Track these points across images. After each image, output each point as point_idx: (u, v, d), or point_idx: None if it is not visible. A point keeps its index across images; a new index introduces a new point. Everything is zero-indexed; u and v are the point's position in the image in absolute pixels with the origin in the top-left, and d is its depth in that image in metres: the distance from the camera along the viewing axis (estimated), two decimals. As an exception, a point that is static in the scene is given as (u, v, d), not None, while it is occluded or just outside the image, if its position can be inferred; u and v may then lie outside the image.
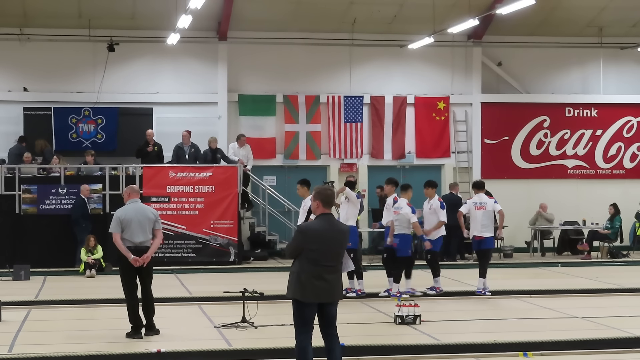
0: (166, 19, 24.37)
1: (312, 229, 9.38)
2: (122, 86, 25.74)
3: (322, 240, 9.26)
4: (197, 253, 22.90)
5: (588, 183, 27.95)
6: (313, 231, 9.33)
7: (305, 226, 9.58)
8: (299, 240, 9.35)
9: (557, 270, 22.37)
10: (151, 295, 12.84)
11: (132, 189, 13.19)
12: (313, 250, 9.22)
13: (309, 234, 9.31)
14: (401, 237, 16.81)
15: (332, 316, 9.39)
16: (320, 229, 9.32)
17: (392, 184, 17.35)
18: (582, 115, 28.05)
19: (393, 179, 17.56)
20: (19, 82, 25.43)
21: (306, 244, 9.26)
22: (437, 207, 17.24)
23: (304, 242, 9.28)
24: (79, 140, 25.10)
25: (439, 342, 12.27)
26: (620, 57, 28.12)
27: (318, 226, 9.36)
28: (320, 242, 9.25)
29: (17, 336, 12.90)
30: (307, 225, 9.60)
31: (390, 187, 17.33)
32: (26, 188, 22.35)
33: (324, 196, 9.41)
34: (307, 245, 9.25)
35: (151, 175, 22.85)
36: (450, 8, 25.56)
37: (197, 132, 24.56)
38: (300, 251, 9.29)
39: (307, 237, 9.30)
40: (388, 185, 17.44)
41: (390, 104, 26.89)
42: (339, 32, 26.37)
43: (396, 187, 17.38)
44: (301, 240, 9.32)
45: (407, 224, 16.79)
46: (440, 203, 17.35)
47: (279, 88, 26.46)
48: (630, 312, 15.19)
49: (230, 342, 12.29)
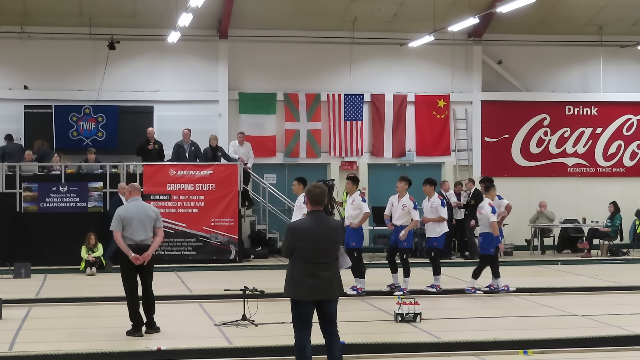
0: (167, 17, 24.38)
1: (299, 227, 9.46)
2: (123, 84, 25.76)
3: (311, 238, 9.29)
4: (197, 251, 22.91)
5: (588, 181, 27.96)
6: (300, 229, 9.40)
7: (293, 224, 9.69)
8: (288, 238, 9.42)
9: (557, 268, 22.40)
10: (152, 293, 12.85)
11: (133, 186, 13.20)
12: (303, 248, 9.27)
13: (296, 232, 9.38)
14: (484, 235, 17.01)
15: (331, 314, 9.41)
16: (308, 226, 9.37)
17: (430, 184, 17.51)
18: (582, 114, 28.06)
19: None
20: (19, 80, 25.44)
21: (296, 241, 9.31)
22: (437, 204, 17.30)
23: (294, 240, 9.33)
24: (80, 139, 25.10)
25: (439, 339, 12.29)
26: (620, 55, 28.13)
27: (306, 224, 9.44)
28: (309, 240, 9.28)
29: (17, 334, 12.92)
30: (295, 224, 9.71)
31: (429, 187, 17.44)
32: (27, 186, 22.35)
33: (312, 194, 9.44)
34: (296, 243, 9.30)
35: (152, 173, 22.86)
36: (451, 6, 25.57)
37: (198, 130, 24.58)
38: (292, 249, 9.34)
39: (295, 235, 9.36)
40: (426, 185, 17.56)
41: (390, 102, 26.91)
42: (340, 30, 26.37)
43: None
44: (291, 238, 9.38)
45: (488, 222, 16.95)
46: (441, 200, 17.46)
47: (279, 86, 26.48)
48: (630, 310, 15.21)
49: (230, 340, 12.31)
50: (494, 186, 17.45)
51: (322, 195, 9.46)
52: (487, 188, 17.42)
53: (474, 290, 16.96)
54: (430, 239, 17.40)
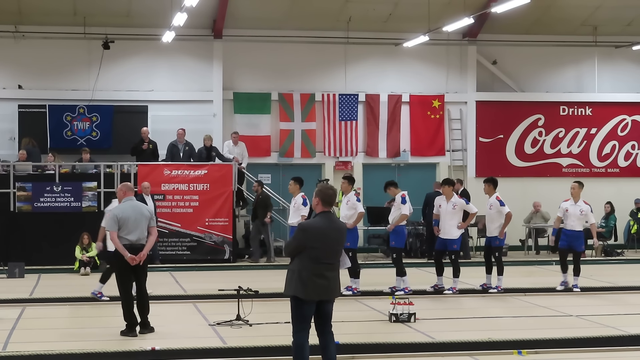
0: (161, 17, 24.35)
1: (313, 227, 9.41)
2: (117, 84, 25.72)
3: (324, 238, 9.31)
4: (191, 251, 22.91)
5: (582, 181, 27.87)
6: (315, 229, 9.37)
7: (307, 224, 9.60)
8: (300, 238, 9.37)
9: (551, 269, 22.38)
10: (146, 293, 12.85)
11: (127, 186, 13.19)
12: (315, 248, 9.26)
13: (310, 232, 9.35)
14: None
15: (328, 314, 9.43)
16: (322, 226, 9.37)
17: (491, 182, 17.55)
18: (577, 114, 28.09)
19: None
20: (13, 79, 25.39)
21: (308, 241, 9.29)
22: (462, 204, 17.24)
23: (306, 240, 9.30)
24: (74, 138, 25.06)
25: (434, 340, 12.29)
26: (615, 55, 28.16)
27: (319, 224, 9.41)
28: (322, 240, 9.30)
29: (11, 334, 12.88)
30: (308, 223, 9.62)
31: (489, 185, 17.46)
32: (21, 186, 22.33)
33: (325, 195, 9.47)
34: (309, 243, 9.28)
35: (146, 173, 22.82)
36: (446, 6, 25.56)
37: (192, 130, 24.56)
38: (302, 249, 9.31)
39: (309, 235, 9.33)
40: (486, 184, 17.59)
41: (385, 102, 26.90)
42: (334, 30, 26.36)
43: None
44: (303, 238, 9.34)
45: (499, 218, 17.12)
46: (465, 200, 17.50)
47: (274, 86, 26.47)
48: (624, 310, 15.23)
49: (224, 339, 12.29)
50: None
51: (334, 197, 9.57)
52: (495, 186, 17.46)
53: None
54: (449, 241, 17.17)
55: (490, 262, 17.34)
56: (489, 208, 17.37)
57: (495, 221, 17.27)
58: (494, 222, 17.31)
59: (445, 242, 17.12)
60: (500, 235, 17.22)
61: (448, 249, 17.23)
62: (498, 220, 17.26)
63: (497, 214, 17.24)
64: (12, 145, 24.64)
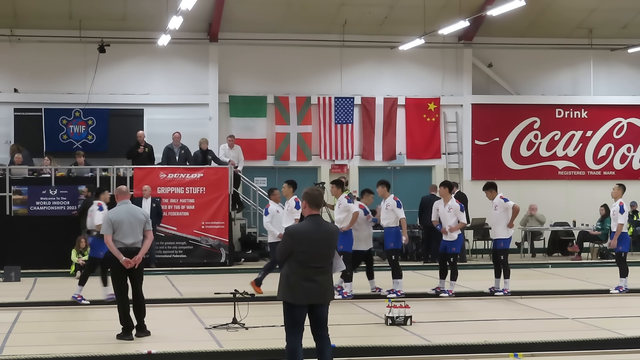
0: (157, 20, 24.35)
1: (300, 231, 9.37)
2: (113, 87, 25.72)
3: (311, 242, 9.24)
4: (188, 254, 22.90)
5: (578, 184, 28.02)
6: (301, 233, 9.33)
7: (293, 228, 9.55)
8: (287, 242, 9.34)
9: (547, 271, 22.42)
10: (142, 296, 12.83)
11: (120, 190, 13.18)
12: (302, 252, 9.22)
13: (296, 236, 9.30)
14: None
15: (323, 317, 9.39)
16: (308, 230, 9.31)
17: (491, 187, 17.57)
18: (573, 117, 28.13)
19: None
20: (9, 83, 25.39)
21: (295, 246, 9.25)
22: (456, 208, 17.18)
23: (293, 244, 9.27)
24: (70, 142, 25.05)
25: (430, 343, 12.28)
26: (610, 58, 28.20)
27: (306, 228, 9.35)
28: (309, 244, 9.23)
29: (7, 338, 12.87)
30: (294, 228, 9.58)
31: (490, 191, 17.50)
32: (17, 189, 22.32)
33: (311, 197, 9.40)
34: (295, 247, 9.24)
35: (142, 176, 22.83)
36: (441, 9, 25.60)
37: (188, 133, 24.55)
38: (290, 253, 9.27)
39: (295, 239, 9.28)
40: (487, 190, 17.64)
41: (381, 105, 26.92)
42: (330, 33, 26.39)
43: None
44: (290, 242, 9.30)
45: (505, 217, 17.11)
46: (460, 205, 17.36)
47: (269, 89, 26.47)
48: (620, 313, 15.25)
49: (221, 343, 12.29)
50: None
51: (320, 197, 9.45)
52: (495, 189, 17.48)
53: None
54: (448, 244, 17.15)
55: (498, 266, 17.29)
56: (494, 209, 17.35)
57: (501, 222, 17.23)
58: (499, 224, 17.27)
59: (446, 244, 17.14)
60: (509, 226, 17.16)
61: (448, 251, 17.24)
62: (504, 222, 17.23)
63: (503, 213, 17.18)
64: (7, 149, 24.58)
